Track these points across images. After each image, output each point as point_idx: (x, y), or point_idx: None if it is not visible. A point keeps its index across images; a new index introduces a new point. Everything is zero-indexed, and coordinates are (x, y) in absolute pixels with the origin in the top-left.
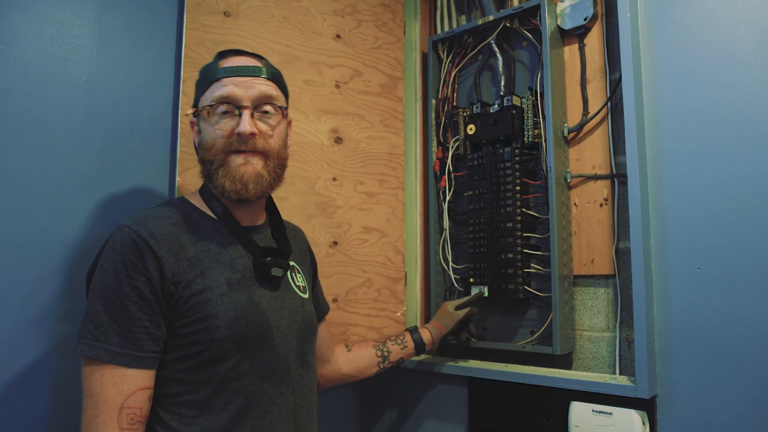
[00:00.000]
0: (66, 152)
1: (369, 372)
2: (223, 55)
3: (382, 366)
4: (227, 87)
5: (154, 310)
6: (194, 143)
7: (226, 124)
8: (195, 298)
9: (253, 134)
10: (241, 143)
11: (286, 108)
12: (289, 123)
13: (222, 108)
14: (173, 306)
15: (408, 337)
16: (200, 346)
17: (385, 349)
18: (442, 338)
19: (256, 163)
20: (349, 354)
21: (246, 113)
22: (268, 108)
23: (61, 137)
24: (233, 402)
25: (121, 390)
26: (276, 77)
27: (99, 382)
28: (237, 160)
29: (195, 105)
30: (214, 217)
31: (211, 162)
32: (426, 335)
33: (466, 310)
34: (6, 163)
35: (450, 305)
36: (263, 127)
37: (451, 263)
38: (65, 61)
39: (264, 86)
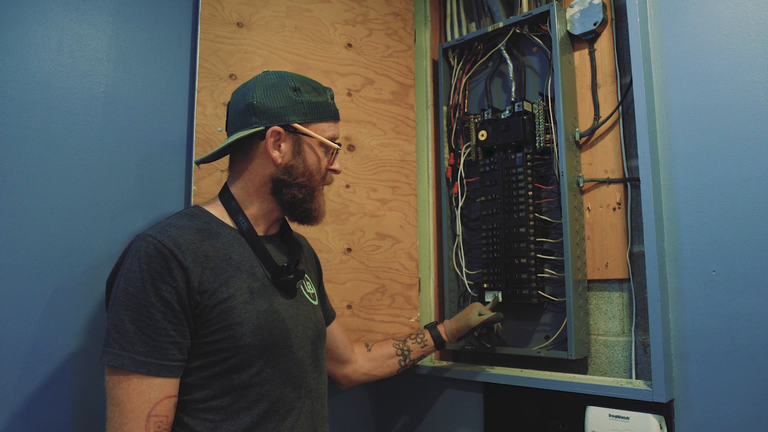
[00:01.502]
0: (84, 161)
1: (390, 370)
2: (324, 91)
3: (403, 364)
4: (337, 129)
5: (180, 320)
6: (270, 157)
7: (327, 160)
8: (220, 306)
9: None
10: (330, 179)
11: None
12: None
13: (332, 147)
14: (199, 314)
15: (428, 335)
16: (226, 353)
17: (405, 348)
18: (458, 339)
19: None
20: (369, 353)
21: (340, 154)
22: None
23: (80, 147)
24: (256, 407)
25: (148, 399)
26: None
27: (125, 391)
28: (323, 192)
29: (299, 122)
30: (232, 226)
31: (312, 189)
32: (443, 334)
33: (484, 317)
34: (26, 173)
35: (475, 310)
36: None
37: (464, 269)
38: (84, 72)
39: None
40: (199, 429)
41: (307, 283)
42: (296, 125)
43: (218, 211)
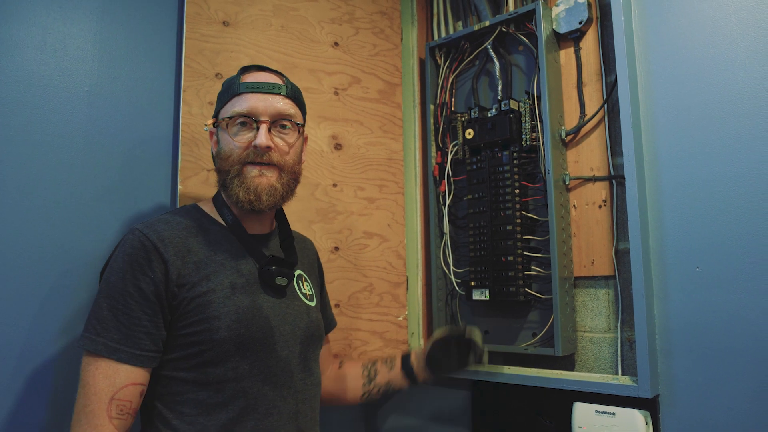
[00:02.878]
0: (68, 162)
1: (351, 395)
2: (246, 70)
3: (367, 388)
4: (248, 101)
5: (155, 311)
6: (212, 153)
7: (243, 136)
8: (198, 299)
9: (268, 147)
10: (257, 155)
11: (303, 125)
12: (305, 139)
13: (241, 120)
14: (176, 306)
15: (398, 359)
16: (201, 346)
17: (372, 369)
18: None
19: (270, 176)
20: (338, 371)
21: (263, 127)
22: (285, 123)
23: (64, 147)
24: (233, 403)
25: (113, 383)
26: (295, 95)
27: (93, 374)
28: (252, 171)
29: (215, 116)
30: (224, 224)
31: (227, 172)
32: (413, 357)
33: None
34: (8, 173)
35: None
36: (279, 142)
37: (452, 267)
38: (67, 72)
39: (282, 103)
40: (176, 423)
41: (305, 283)
42: (214, 120)
43: (210, 208)
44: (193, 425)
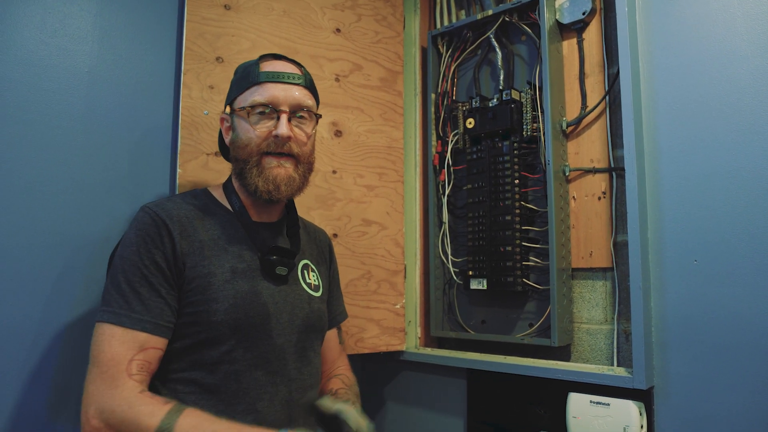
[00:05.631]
0: (67, 144)
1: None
2: (264, 58)
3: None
4: (268, 91)
5: (170, 284)
6: (224, 140)
7: (263, 126)
8: (199, 280)
9: (289, 137)
10: (277, 146)
11: (320, 116)
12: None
13: (260, 110)
14: (181, 284)
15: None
16: (198, 326)
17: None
18: None
19: (288, 167)
20: (327, 380)
21: (284, 117)
22: (303, 114)
23: (62, 128)
24: (225, 385)
25: (132, 347)
26: (311, 85)
27: (108, 342)
28: (271, 162)
29: (229, 103)
30: (229, 208)
31: (245, 161)
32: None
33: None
34: (5, 154)
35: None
36: (298, 132)
37: (450, 256)
38: (67, 52)
39: (301, 93)
40: (169, 399)
41: (311, 273)
42: (228, 107)
43: (220, 193)
44: (184, 403)
